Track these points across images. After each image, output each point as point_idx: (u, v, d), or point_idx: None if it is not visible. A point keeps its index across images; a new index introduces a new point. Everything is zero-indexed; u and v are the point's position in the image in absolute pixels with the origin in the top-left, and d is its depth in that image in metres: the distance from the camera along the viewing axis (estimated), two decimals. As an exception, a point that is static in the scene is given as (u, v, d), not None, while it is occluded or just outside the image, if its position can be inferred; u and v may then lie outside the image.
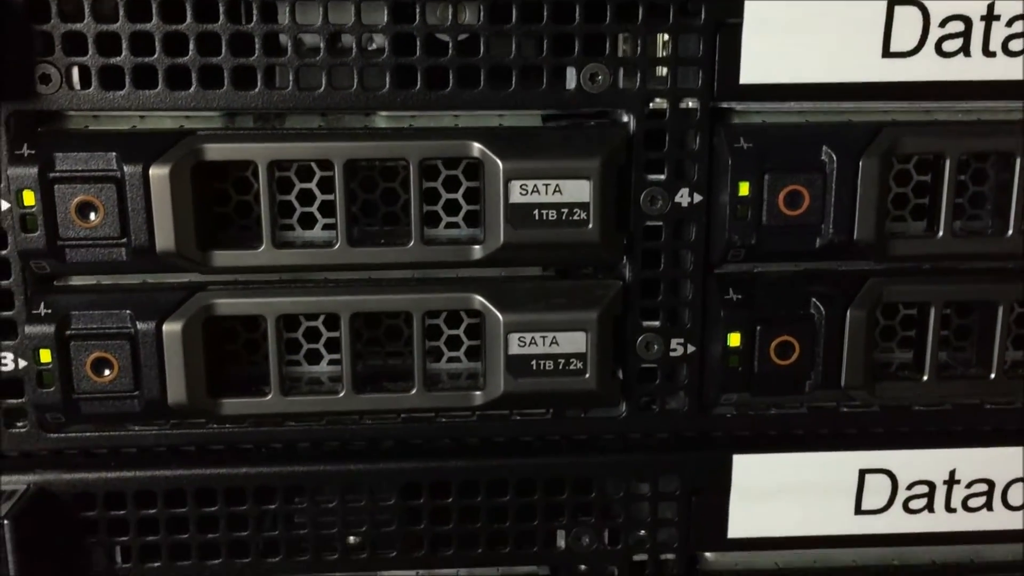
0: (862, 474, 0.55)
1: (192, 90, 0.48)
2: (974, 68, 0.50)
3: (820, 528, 0.56)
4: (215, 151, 0.48)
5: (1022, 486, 0.56)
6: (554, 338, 0.51)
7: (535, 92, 0.50)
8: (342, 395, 0.51)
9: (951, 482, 0.56)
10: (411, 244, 0.50)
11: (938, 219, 0.52)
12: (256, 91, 0.49)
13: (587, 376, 0.51)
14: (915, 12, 0.49)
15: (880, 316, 0.56)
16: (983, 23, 0.50)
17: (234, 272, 0.50)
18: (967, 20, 0.50)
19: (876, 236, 0.50)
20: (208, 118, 0.50)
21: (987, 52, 0.50)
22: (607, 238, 0.50)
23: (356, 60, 0.49)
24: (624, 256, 0.52)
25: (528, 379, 0.51)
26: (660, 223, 0.51)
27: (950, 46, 0.50)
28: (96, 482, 0.52)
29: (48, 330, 0.49)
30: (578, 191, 0.49)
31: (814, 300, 0.51)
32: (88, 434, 0.52)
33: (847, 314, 0.51)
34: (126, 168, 0.47)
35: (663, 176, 0.51)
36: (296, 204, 0.53)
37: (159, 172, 0.47)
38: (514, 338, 0.51)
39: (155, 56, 0.48)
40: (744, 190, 0.49)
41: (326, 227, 0.53)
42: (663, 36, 0.50)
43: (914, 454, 0.55)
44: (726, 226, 0.50)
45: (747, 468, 0.55)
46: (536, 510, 0.55)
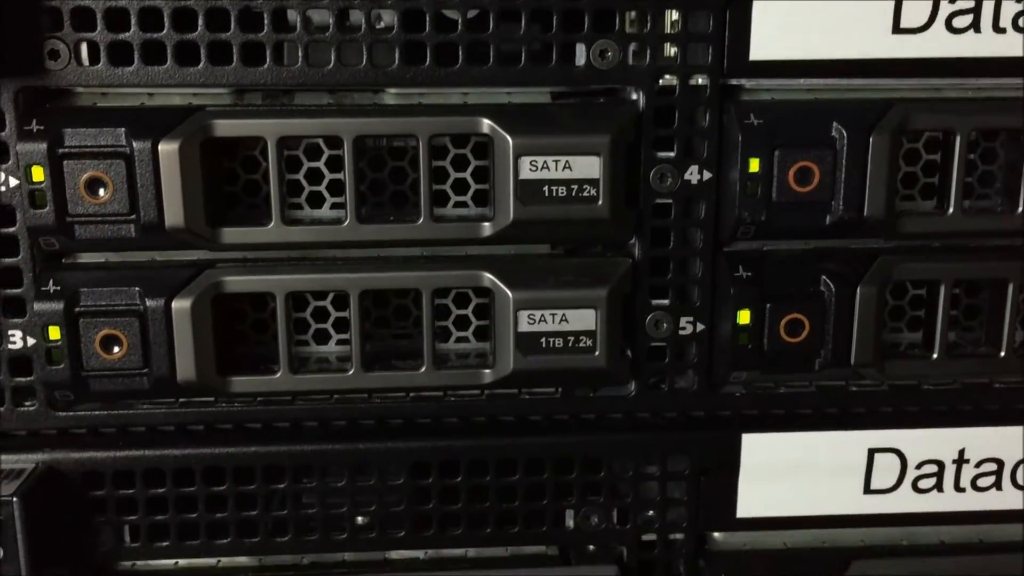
0: (871, 453, 0.55)
1: (201, 66, 0.48)
2: (984, 44, 0.50)
3: (829, 507, 0.56)
4: (224, 127, 0.48)
5: (1031, 465, 0.56)
6: (564, 315, 0.51)
7: (544, 69, 0.50)
8: (351, 373, 0.51)
9: (960, 461, 0.56)
10: (420, 221, 0.50)
11: (948, 197, 0.52)
12: (265, 67, 0.49)
13: (597, 354, 0.51)
14: (925, -12, 0.49)
15: (889, 297, 0.56)
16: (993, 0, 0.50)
17: (243, 249, 0.50)
18: (977, -4, 0.50)
19: (886, 213, 0.50)
20: (217, 95, 0.50)
21: (997, 28, 0.50)
22: (617, 215, 0.50)
23: (365, 36, 0.49)
24: (633, 234, 0.52)
25: (538, 357, 0.51)
26: (669, 200, 0.51)
27: (960, 22, 0.50)
28: (104, 461, 0.52)
29: (57, 307, 0.49)
30: (588, 167, 0.49)
31: (824, 278, 0.51)
32: (96, 413, 0.52)
33: (857, 292, 0.51)
34: (135, 144, 0.47)
35: (672, 153, 0.51)
36: (304, 183, 0.53)
37: (168, 148, 0.47)
38: (523, 315, 0.50)
39: (164, 32, 0.48)
40: (754, 166, 0.49)
41: (334, 206, 0.53)
42: (673, 12, 0.50)
43: (923, 433, 0.55)
44: (736, 203, 0.50)
45: (756, 447, 0.55)
46: (545, 490, 0.55)
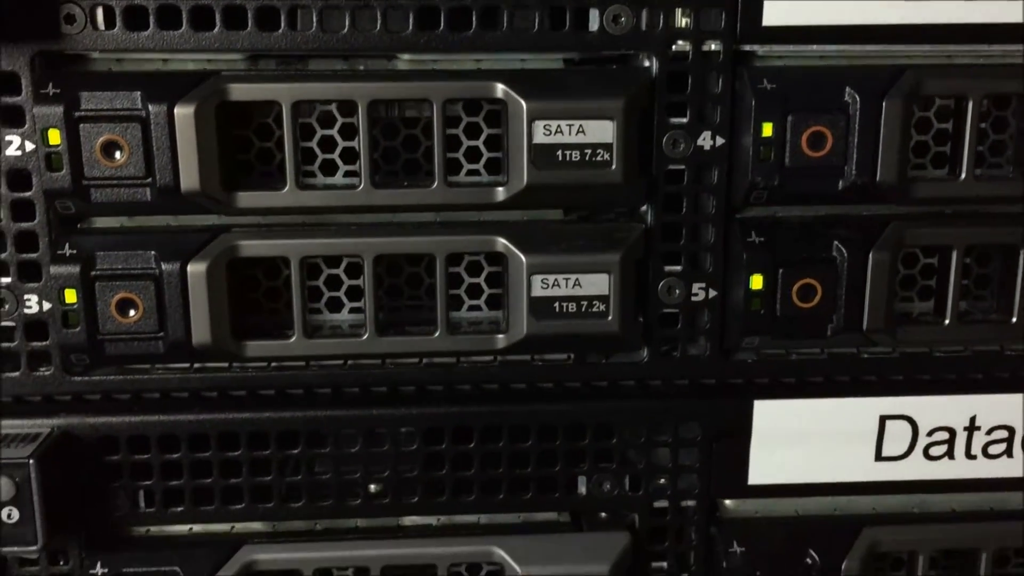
0: (882, 420, 0.55)
1: (216, 31, 0.48)
2: (996, 10, 0.50)
3: (840, 475, 0.56)
4: (240, 91, 0.48)
5: (1042, 433, 0.56)
6: (577, 280, 0.51)
7: (558, 34, 0.50)
8: (365, 337, 0.51)
9: (971, 428, 0.56)
10: (435, 186, 0.50)
11: (960, 163, 0.52)
12: (279, 32, 0.49)
13: (610, 318, 0.51)
14: (937, -46, 0.49)
15: (900, 266, 0.56)
16: (1005, -36, 0.50)
17: (258, 214, 0.50)
18: (989, -40, 0.50)
19: (898, 178, 0.50)
20: (231, 61, 0.50)
21: (1010, -7, 0.50)
22: (630, 180, 0.50)
23: (379, 2, 0.49)
24: (646, 200, 0.52)
25: (551, 321, 0.51)
26: (682, 167, 0.51)
27: (973, -13, 0.50)
28: (119, 426, 0.52)
29: (73, 270, 0.49)
30: (601, 132, 0.49)
31: (836, 243, 0.51)
32: (111, 378, 0.52)
33: (869, 257, 0.51)
34: (151, 107, 0.47)
35: (685, 119, 0.51)
36: (318, 151, 0.53)
37: (184, 111, 0.47)
38: (537, 280, 0.51)
39: (179, -5, 0.48)
40: (767, 131, 0.49)
41: (347, 174, 0.54)
42: (686, -23, 0.50)
43: (934, 400, 0.55)
44: (748, 169, 0.50)
45: (768, 414, 0.55)
46: (557, 456, 0.55)
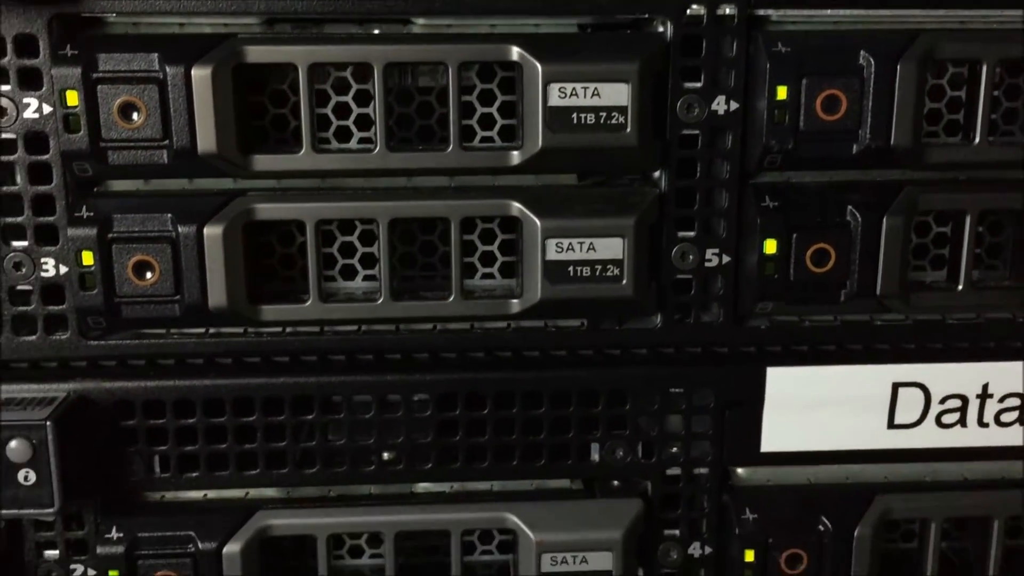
0: (895, 388, 0.55)
1: (232, -6, 0.49)
2: (1011, -25, 0.51)
3: (853, 442, 0.56)
4: (256, 52, 0.48)
5: (1055, 401, 0.56)
6: (591, 244, 0.51)
7: (573, -2, 0.50)
8: (380, 302, 0.52)
9: (984, 396, 0.56)
10: (450, 149, 0.50)
11: (974, 128, 0.52)
12: (296, -6, 0.49)
13: (624, 282, 0.51)
14: (952, -83, 0.50)
15: (913, 235, 0.56)
16: (1019, -71, 0.50)
17: (274, 176, 0.51)
18: (1003, -75, 0.50)
19: (912, 142, 0.50)
20: (247, 25, 0.50)
21: (1024, -42, 0.50)
22: (645, 143, 0.50)
23: (395, -35, 0.49)
24: (660, 165, 0.52)
25: (565, 285, 0.51)
26: (696, 131, 0.52)
27: (987, -48, 0.50)
28: (135, 390, 0.53)
29: (90, 232, 0.49)
30: (616, 95, 0.49)
31: (850, 208, 0.52)
32: (127, 342, 0.53)
33: (883, 221, 0.51)
34: (168, 69, 0.48)
35: (700, 84, 0.51)
36: (332, 117, 0.54)
37: (201, 73, 0.48)
38: (551, 244, 0.51)
39: (196, -42, 0.48)
40: (782, 94, 0.50)
41: (362, 141, 0.54)
42: (700, -59, 0.50)
43: (947, 368, 0.55)
44: (763, 133, 0.50)
45: (781, 381, 0.55)
46: (570, 423, 0.55)
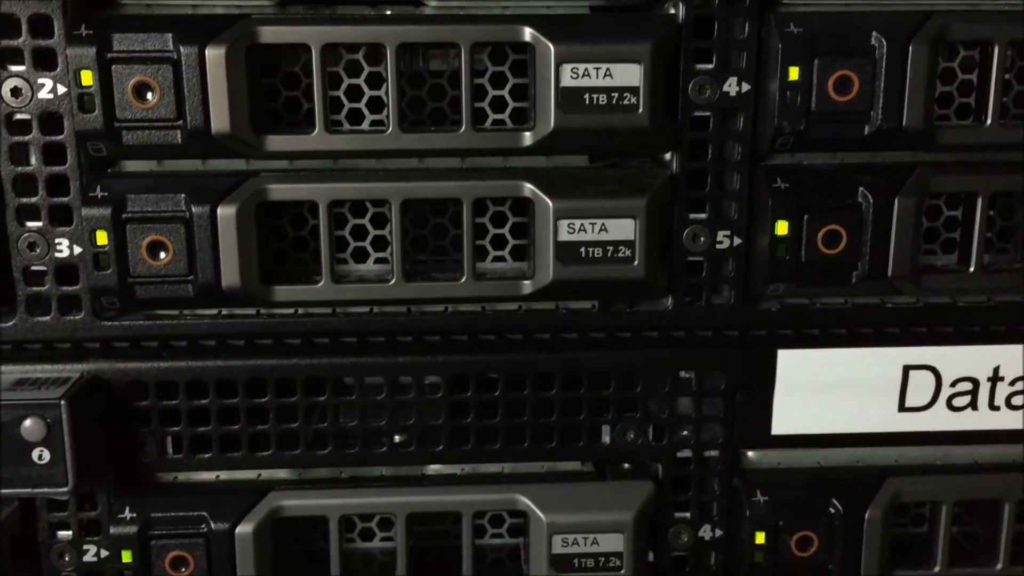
0: (906, 370, 0.55)
1: (245, -25, 0.49)
2: (1022, -44, 0.51)
3: (864, 425, 0.56)
4: (269, 33, 0.48)
5: (1066, 384, 0.56)
6: (603, 225, 0.51)
7: (585, -23, 0.50)
8: (392, 283, 0.52)
9: (995, 379, 0.56)
10: (462, 130, 0.50)
11: (985, 109, 0.52)
12: (308, -23, 0.49)
13: (635, 263, 0.51)
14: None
15: (924, 219, 0.56)
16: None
17: (287, 157, 0.51)
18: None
19: (924, 123, 0.50)
20: (260, 6, 0.50)
21: (1036, -60, 0.50)
22: (657, 124, 0.50)
23: (407, -55, 0.49)
24: (672, 146, 0.52)
25: (577, 267, 0.51)
26: (708, 113, 0.52)
27: (998, -68, 0.50)
28: (148, 371, 0.53)
29: (105, 212, 0.49)
30: (628, 75, 0.49)
31: (862, 189, 0.52)
32: (140, 323, 0.53)
33: (895, 203, 0.51)
34: (182, 49, 0.48)
35: (711, 65, 0.51)
36: (345, 100, 0.54)
37: (215, 53, 0.48)
38: (563, 224, 0.51)
39: (209, -61, 0.48)
40: (794, 75, 0.50)
41: (374, 123, 0.54)
42: (712, -78, 0.50)
43: (958, 350, 0.55)
44: (774, 114, 0.50)
45: (792, 364, 0.55)
46: (582, 405, 0.55)
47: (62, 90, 0.49)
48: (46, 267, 0.52)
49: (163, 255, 0.50)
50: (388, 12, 0.51)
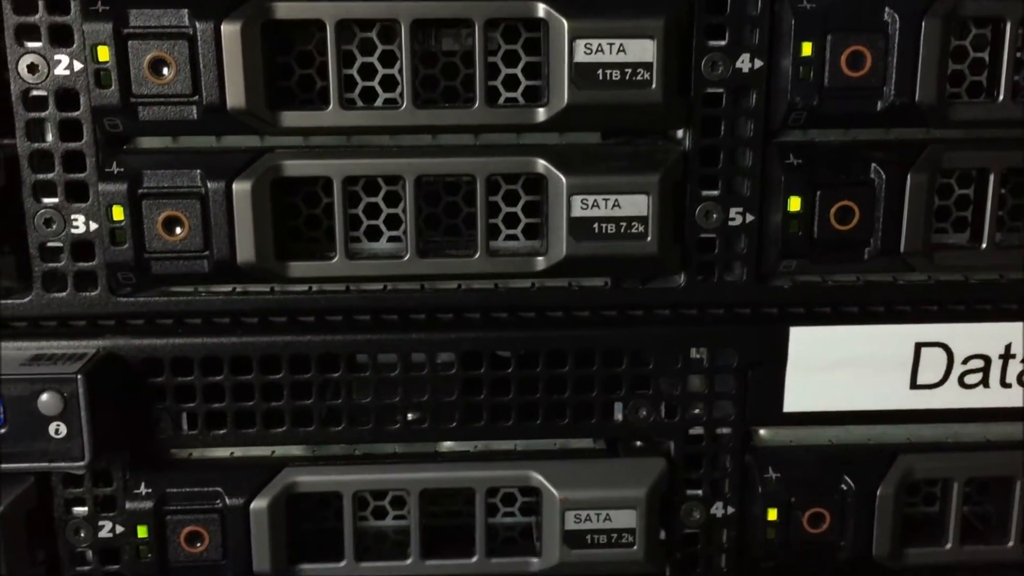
0: (918, 348, 0.56)
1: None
2: (1035, -68, 0.51)
3: (876, 402, 0.56)
4: (285, 9, 0.49)
5: (1078, 361, 0.56)
6: (616, 201, 0.51)
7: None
8: (406, 259, 0.52)
9: (1006, 356, 0.56)
10: (476, 106, 0.50)
11: (997, 86, 0.52)
12: (321, -51, 0.49)
13: (648, 239, 0.52)
14: None
15: (935, 197, 0.56)
16: None
17: (301, 133, 0.51)
18: None
19: (937, 99, 0.51)
20: (274, -15, 0.51)
21: (1048, -85, 0.50)
22: (670, 99, 0.50)
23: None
24: (685, 123, 0.52)
25: (590, 243, 0.51)
26: (720, 89, 0.52)
27: (1011, -91, 0.50)
28: (163, 347, 0.53)
29: (121, 187, 0.50)
30: (642, 51, 0.49)
31: (874, 165, 0.52)
32: (155, 299, 0.53)
33: (907, 179, 0.52)
34: (198, 24, 0.48)
35: (724, 42, 0.51)
36: (358, 78, 0.54)
37: (230, 28, 0.48)
38: (577, 200, 0.51)
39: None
40: (807, 50, 0.50)
41: (387, 102, 0.54)
42: (724, -101, 0.50)
43: (970, 328, 0.55)
44: (787, 91, 0.51)
45: (804, 341, 0.55)
46: (594, 382, 0.55)
47: (78, 66, 0.49)
48: (62, 243, 0.52)
49: (179, 230, 0.50)
50: (402, -11, 0.51)
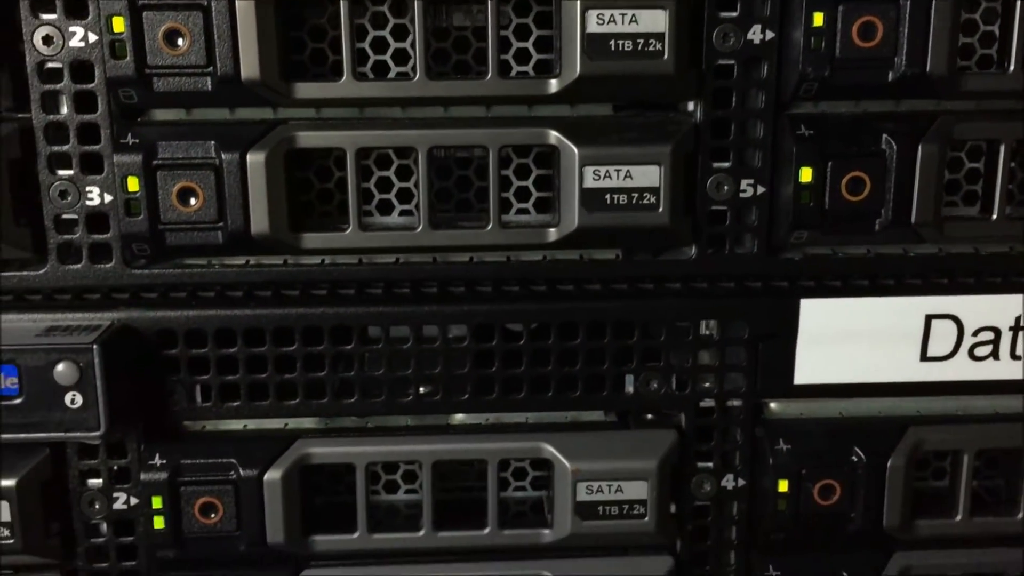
0: (928, 320, 0.56)
1: (273, -78, 0.49)
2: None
3: (886, 375, 0.56)
4: (298, -21, 0.49)
5: (1087, 333, 0.56)
6: (628, 172, 0.51)
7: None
8: (419, 230, 0.52)
9: (1016, 329, 0.56)
10: (488, 77, 0.51)
11: (1008, 56, 0.52)
12: (336, -75, 0.50)
13: (660, 210, 0.52)
14: None
15: (946, 171, 0.56)
16: None
17: (315, 105, 0.51)
18: None
19: (948, 70, 0.51)
20: (288, -44, 0.51)
21: None
22: (681, 69, 0.50)
23: None
24: (696, 95, 0.52)
25: (602, 213, 0.52)
26: (731, 61, 0.52)
27: None
28: (177, 319, 0.53)
29: (136, 158, 0.50)
30: (653, 20, 0.50)
31: (885, 136, 0.52)
32: (169, 271, 0.53)
33: (919, 149, 0.52)
34: (213, -4, 0.48)
35: (735, 13, 0.51)
36: (370, 52, 0.54)
37: (245, 1, 0.48)
38: (588, 171, 0.51)
39: None
40: (818, 21, 0.50)
41: (400, 76, 0.55)
42: None
43: (980, 300, 0.56)
44: (798, 62, 0.51)
45: (814, 314, 0.55)
46: (605, 354, 0.55)
47: (93, 38, 0.50)
48: (77, 215, 0.52)
49: (193, 201, 0.50)
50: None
